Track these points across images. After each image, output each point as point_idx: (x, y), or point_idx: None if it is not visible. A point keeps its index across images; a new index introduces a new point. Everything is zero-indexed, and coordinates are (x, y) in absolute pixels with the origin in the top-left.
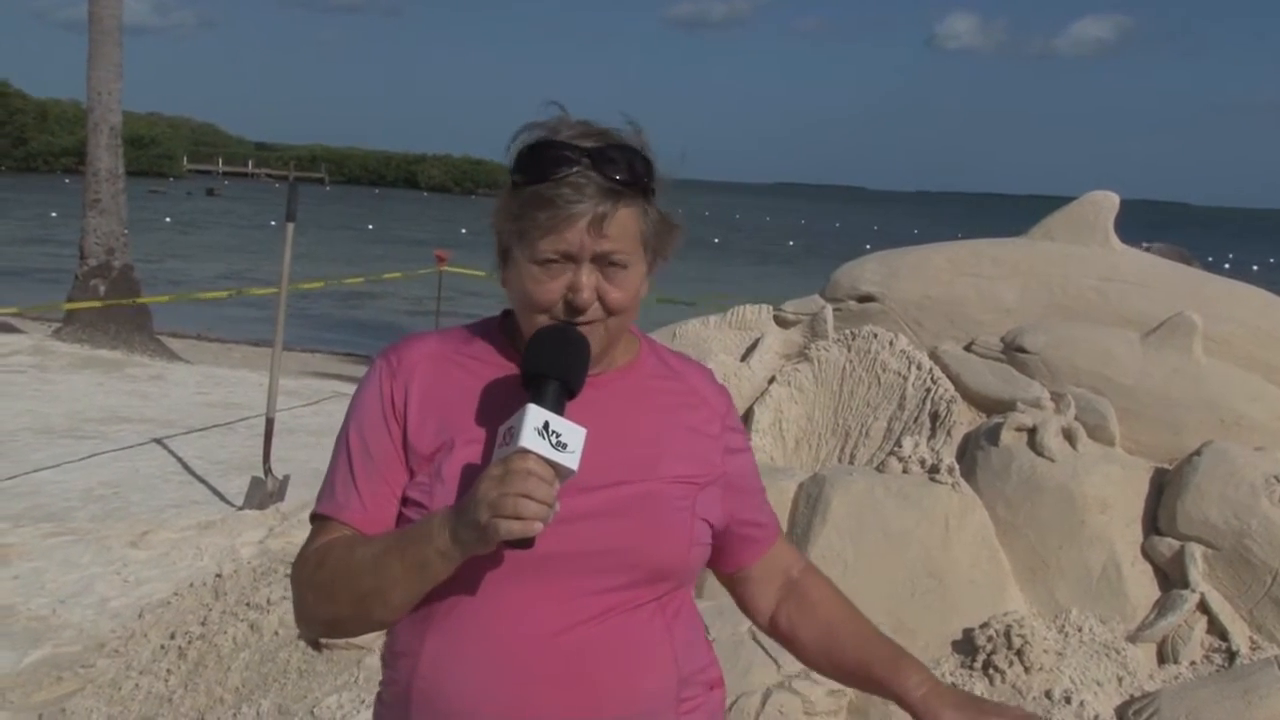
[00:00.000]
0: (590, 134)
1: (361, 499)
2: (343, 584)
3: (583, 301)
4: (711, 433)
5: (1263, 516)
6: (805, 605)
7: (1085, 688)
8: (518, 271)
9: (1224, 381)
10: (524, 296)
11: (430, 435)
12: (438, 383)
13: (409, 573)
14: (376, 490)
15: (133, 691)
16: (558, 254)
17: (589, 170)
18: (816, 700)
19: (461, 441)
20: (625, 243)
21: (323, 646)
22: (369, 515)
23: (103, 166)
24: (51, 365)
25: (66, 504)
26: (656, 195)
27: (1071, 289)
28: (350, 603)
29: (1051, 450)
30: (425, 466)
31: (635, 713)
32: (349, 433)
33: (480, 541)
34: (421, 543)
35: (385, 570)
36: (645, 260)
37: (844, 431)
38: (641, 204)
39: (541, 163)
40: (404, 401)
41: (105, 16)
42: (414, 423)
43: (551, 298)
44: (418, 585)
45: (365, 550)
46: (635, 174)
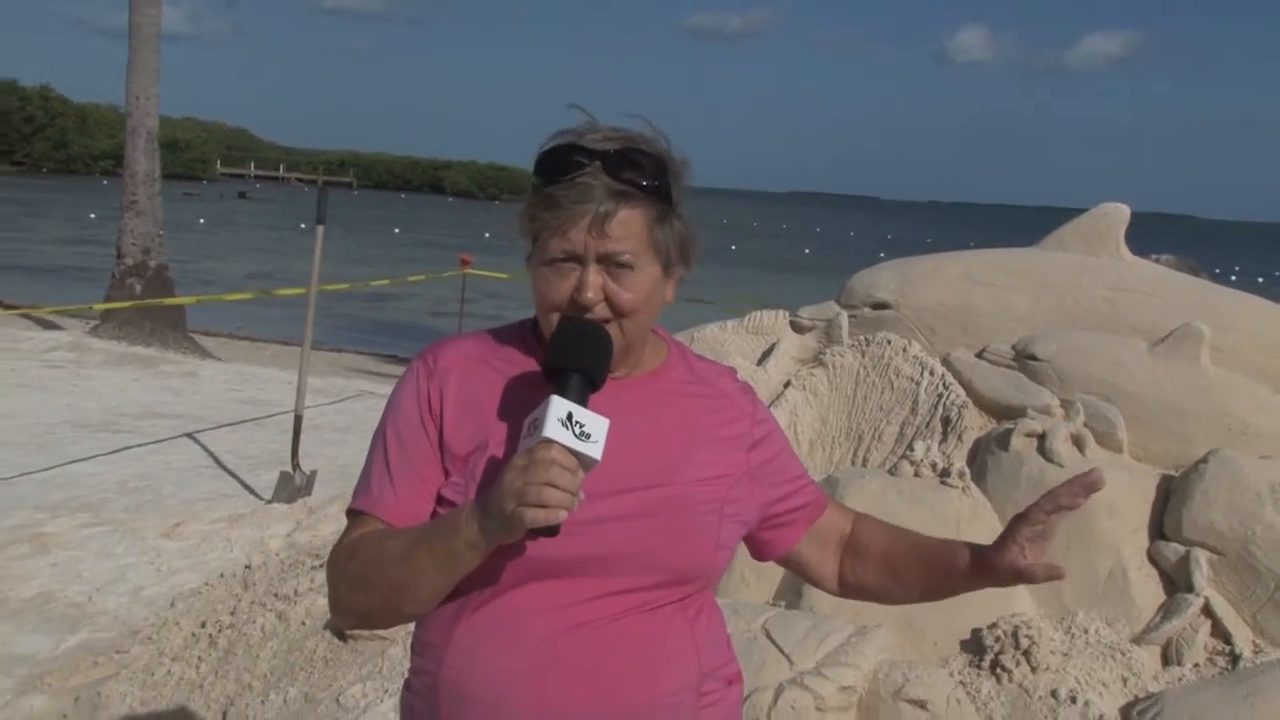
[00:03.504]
0: (612, 139)
1: (396, 494)
2: (374, 576)
3: (586, 300)
4: (737, 432)
5: (1267, 524)
6: (860, 552)
7: (1090, 688)
8: (534, 272)
9: (1231, 391)
10: (538, 296)
11: (466, 436)
12: (473, 384)
13: (438, 564)
14: (411, 486)
15: (165, 677)
16: (563, 254)
17: (599, 173)
18: (828, 696)
19: (494, 442)
20: (630, 243)
21: (348, 637)
22: (403, 510)
23: (140, 169)
24: (89, 361)
25: (102, 495)
26: (677, 202)
27: (1082, 299)
28: (381, 594)
29: (1060, 456)
30: (461, 467)
31: (657, 707)
32: (386, 430)
33: (506, 530)
34: (450, 534)
35: (414, 562)
36: (657, 263)
37: (857, 435)
38: (653, 207)
39: (554, 166)
40: (440, 402)
41: (144, 24)
42: (450, 423)
43: (560, 297)
44: (446, 577)
45: (396, 543)
46: (646, 176)
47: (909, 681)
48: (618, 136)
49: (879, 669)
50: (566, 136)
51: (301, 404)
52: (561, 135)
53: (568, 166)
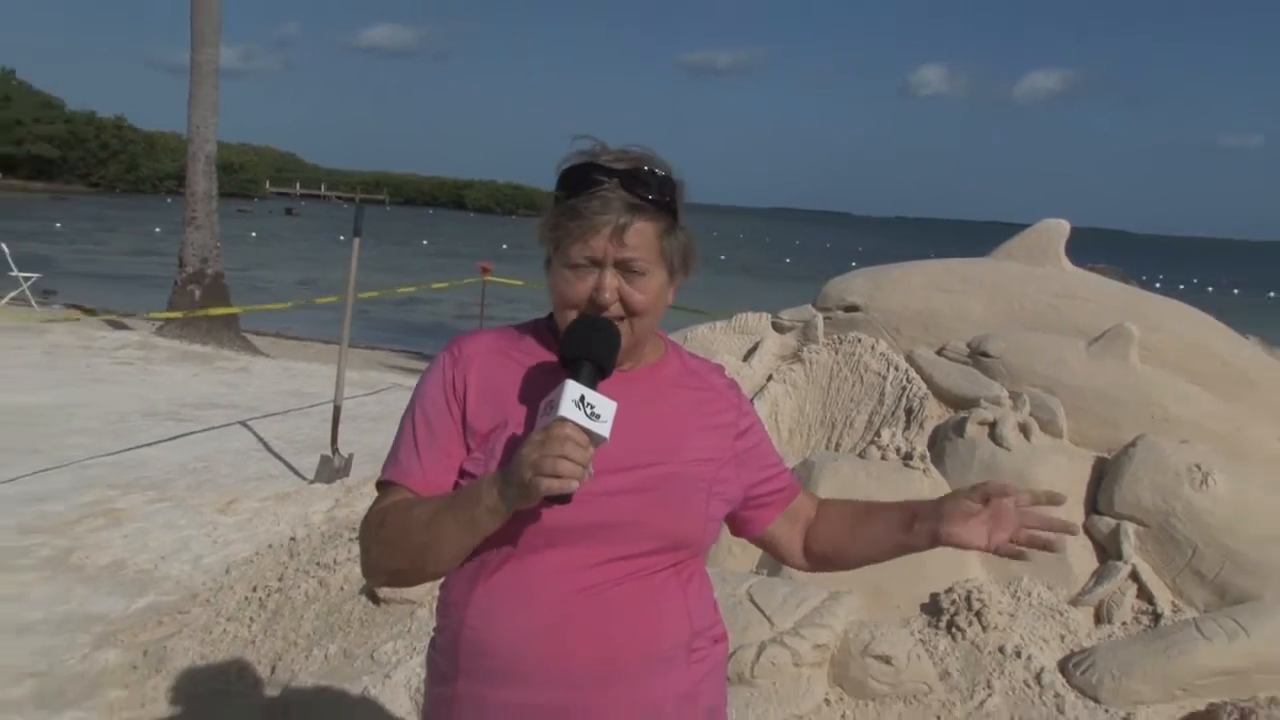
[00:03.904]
0: (624, 159)
1: (422, 466)
2: (402, 539)
3: (604, 300)
4: (725, 421)
5: (1185, 500)
6: (824, 525)
7: (1033, 644)
8: (554, 274)
9: (1156, 384)
10: (558, 295)
11: (486, 417)
12: (493, 372)
13: (460, 528)
14: (436, 460)
15: (221, 635)
16: (585, 259)
17: (617, 188)
18: (804, 653)
19: (512, 422)
20: (644, 251)
21: (381, 600)
22: (428, 480)
23: (199, 189)
24: (154, 358)
25: (166, 476)
26: (680, 217)
27: (1028, 303)
28: (408, 555)
29: (1009, 441)
30: (481, 444)
31: (653, 660)
32: (415, 411)
33: (524, 497)
34: (471, 501)
35: (439, 526)
36: (665, 269)
37: (831, 423)
38: (663, 221)
39: (577, 180)
40: (464, 387)
41: (204, 63)
42: (473, 405)
43: (579, 296)
44: (467, 539)
45: (422, 510)
46: (657, 194)
47: (875, 639)
48: (629, 158)
49: (849, 629)
50: (585, 156)
51: (340, 395)
52: (580, 155)
53: (589, 182)
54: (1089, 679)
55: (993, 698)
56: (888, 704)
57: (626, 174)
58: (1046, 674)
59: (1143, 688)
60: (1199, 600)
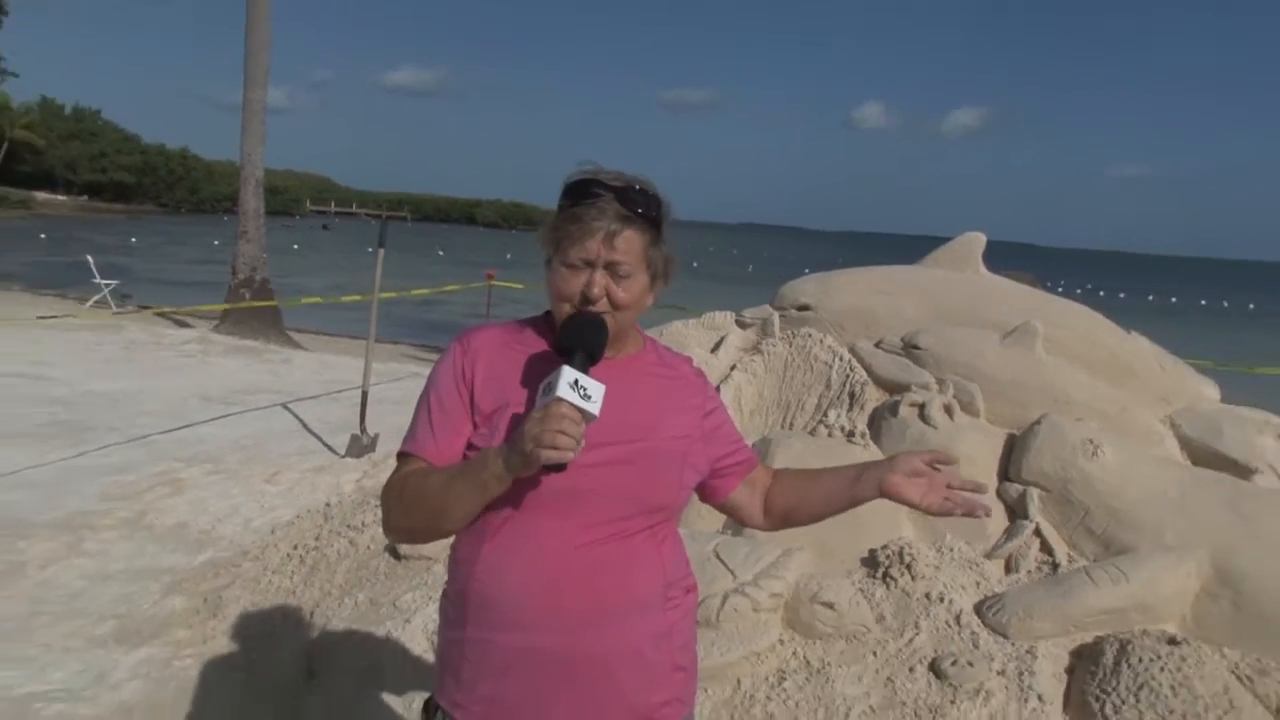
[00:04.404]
0: (619, 178)
1: (436, 440)
2: (419, 502)
3: (594, 295)
4: (694, 404)
5: (1080, 469)
6: (780, 489)
7: (954, 590)
8: (552, 272)
9: (1057, 372)
10: (555, 289)
11: (491, 399)
12: (497, 360)
13: (469, 492)
14: (448, 435)
15: (268, 586)
16: (580, 260)
17: (612, 201)
18: (761, 601)
19: (514, 403)
20: (630, 257)
21: (401, 557)
22: (441, 452)
23: (250, 208)
24: (211, 351)
25: (221, 451)
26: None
27: (951, 303)
28: (424, 516)
29: (935, 421)
30: (486, 422)
31: (634, 607)
32: (429, 393)
33: (526, 465)
34: (480, 469)
35: (451, 491)
36: (647, 275)
37: (785, 405)
38: (648, 233)
39: (579, 192)
40: (472, 373)
41: (254, 101)
42: (479, 389)
43: (573, 291)
44: (475, 502)
45: (437, 477)
46: (645, 208)
47: (821, 589)
48: (625, 177)
49: (799, 580)
50: (587, 173)
51: (367, 382)
52: (583, 171)
53: (589, 194)
54: (999, 619)
55: (920, 636)
56: (832, 642)
57: (621, 190)
58: (965, 615)
59: (1042, 625)
60: (1089, 552)
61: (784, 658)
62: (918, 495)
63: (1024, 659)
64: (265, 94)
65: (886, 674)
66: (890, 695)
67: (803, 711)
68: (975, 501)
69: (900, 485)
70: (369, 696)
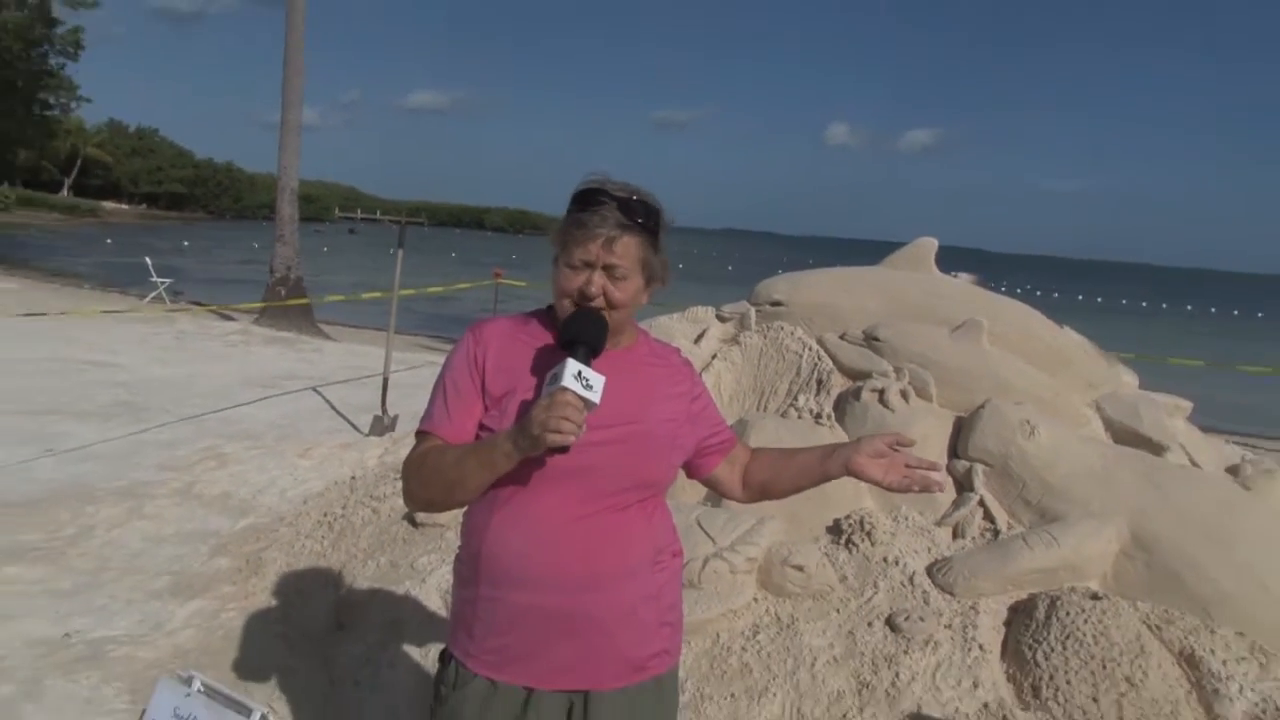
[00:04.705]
0: (624, 189)
1: (451, 420)
2: (436, 476)
3: (591, 293)
4: (681, 390)
5: (1019, 447)
6: (758, 466)
7: (908, 555)
8: (557, 270)
9: (1000, 362)
10: (558, 286)
11: (500, 384)
12: (506, 349)
13: (481, 469)
14: (461, 415)
15: (300, 549)
16: (581, 261)
17: (614, 210)
18: (738, 564)
19: (521, 389)
20: (627, 261)
21: (419, 524)
22: (455, 431)
23: (285, 215)
24: (252, 341)
25: (260, 429)
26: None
27: (908, 300)
28: (440, 489)
29: (893, 404)
30: (495, 404)
31: (626, 570)
32: (445, 378)
33: (533, 447)
34: (491, 448)
35: (465, 467)
36: (643, 277)
37: (760, 391)
38: (646, 239)
39: (586, 199)
40: (483, 360)
41: (290, 120)
42: (490, 374)
43: (574, 288)
44: (486, 477)
45: (452, 454)
46: (644, 218)
47: (791, 553)
48: (628, 189)
49: (772, 545)
50: (594, 183)
51: (388, 369)
52: (591, 181)
53: (594, 202)
54: (947, 579)
55: (878, 594)
56: (800, 601)
57: (623, 200)
58: (917, 576)
59: (984, 584)
60: (1026, 520)
61: (758, 614)
62: (880, 474)
63: (968, 614)
64: (300, 114)
65: (848, 628)
66: (851, 646)
67: (774, 661)
68: (930, 478)
69: (864, 465)
70: (390, 646)
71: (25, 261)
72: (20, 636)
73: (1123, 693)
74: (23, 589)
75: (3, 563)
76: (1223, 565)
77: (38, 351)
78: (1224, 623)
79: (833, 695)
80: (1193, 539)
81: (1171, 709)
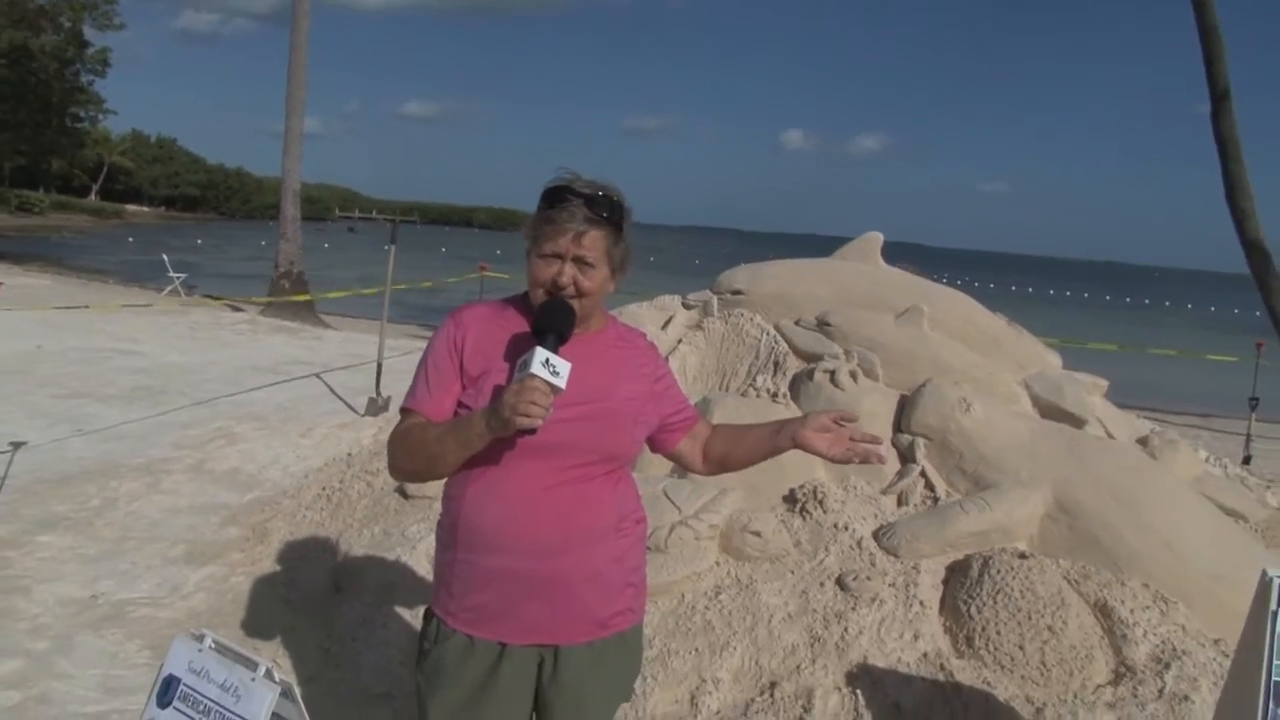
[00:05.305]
0: (590, 186)
1: (432, 398)
2: (418, 449)
3: (563, 283)
4: (646, 372)
5: (956, 421)
6: (716, 440)
7: (857, 521)
8: (530, 262)
9: (940, 345)
10: (531, 277)
11: (477, 365)
12: (484, 333)
13: (459, 445)
14: (441, 393)
15: (302, 519)
16: (552, 253)
17: (581, 205)
18: (701, 531)
19: (495, 370)
20: (594, 253)
21: (409, 496)
22: (435, 408)
23: (289, 215)
24: (258, 331)
25: (265, 410)
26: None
27: (857, 289)
28: (422, 462)
29: (843, 384)
30: (472, 384)
31: (593, 536)
32: (427, 358)
33: (503, 429)
34: (467, 427)
35: (444, 443)
36: (609, 267)
37: (722, 372)
38: (611, 232)
39: (554, 197)
40: (463, 343)
41: (293, 128)
42: (468, 357)
43: (546, 278)
44: (463, 453)
45: (433, 430)
46: (609, 213)
47: (750, 520)
48: (594, 185)
49: (733, 513)
50: (562, 181)
51: (381, 355)
52: (559, 180)
53: (562, 199)
54: (892, 542)
55: (829, 557)
56: (758, 564)
57: (589, 196)
58: (864, 540)
59: (925, 547)
60: (962, 488)
61: (719, 576)
62: (825, 446)
63: (910, 574)
64: (302, 123)
65: (802, 588)
66: (804, 604)
67: (734, 618)
68: (871, 450)
69: (811, 438)
70: (384, 607)
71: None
72: (53, 596)
73: (1045, 640)
74: (55, 555)
75: (37, 531)
76: (1132, 526)
77: (67, 341)
78: (1132, 576)
79: (788, 648)
80: (1107, 503)
81: (1087, 653)
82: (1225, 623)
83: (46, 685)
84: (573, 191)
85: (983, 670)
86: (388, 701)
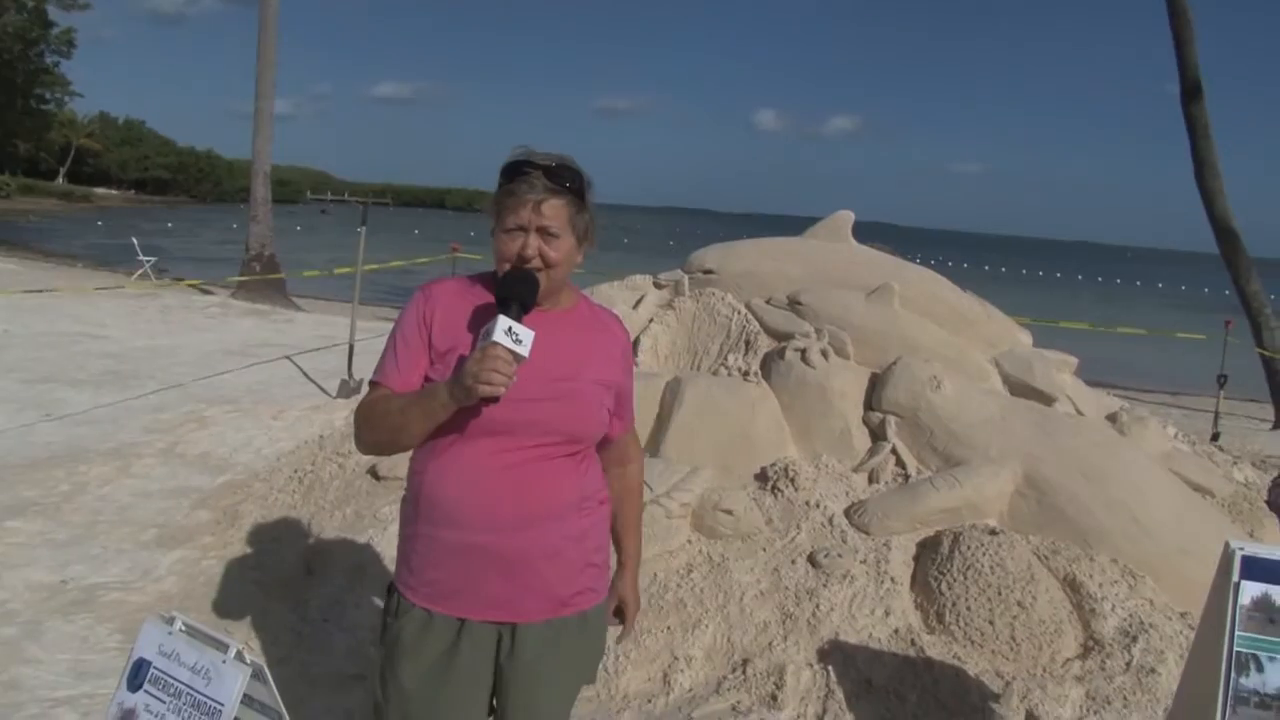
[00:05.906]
0: (549, 158)
1: (400, 372)
2: (383, 422)
3: (528, 254)
4: (616, 356)
5: (927, 399)
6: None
7: (829, 498)
8: (495, 238)
9: (910, 323)
10: (497, 252)
11: (445, 339)
12: (452, 308)
13: (423, 416)
14: (409, 368)
15: (274, 502)
16: (515, 225)
17: (540, 176)
18: (673, 509)
19: (462, 345)
20: (557, 222)
21: (380, 478)
22: (403, 382)
23: (260, 197)
24: (229, 314)
25: (237, 393)
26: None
27: (828, 268)
28: (386, 433)
29: (814, 362)
30: (440, 359)
31: (553, 514)
32: (396, 333)
33: (466, 397)
34: (431, 398)
35: (408, 415)
36: (573, 236)
37: (694, 351)
38: (573, 201)
39: (513, 171)
40: (431, 317)
41: (264, 110)
42: (436, 330)
43: (512, 252)
44: (427, 425)
45: (397, 402)
46: (569, 181)
47: (722, 499)
48: (551, 157)
49: (705, 492)
50: (520, 154)
51: (353, 337)
52: (517, 154)
53: (521, 172)
54: (863, 520)
55: (800, 535)
56: (730, 542)
57: (547, 167)
58: (836, 518)
59: (896, 523)
60: (933, 465)
61: (691, 554)
62: None
63: (881, 550)
64: (273, 104)
65: (774, 565)
66: (776, 581)
67: (706, 596)
68: None
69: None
70: (355, 589)
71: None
72: (22, 582)
73: (1015, 615)
74: (24, 540)
75: (5, 517)
76: (1100, 501)
77: (35, 326)
78: (1101, 551)
79: (760, 625)
80: (1076, 479)
81: (1056, 627)
82: (1192, 596)
83: (16, 671)
84: (530, 164)
85: (953, 645)
86: (360, 682)
